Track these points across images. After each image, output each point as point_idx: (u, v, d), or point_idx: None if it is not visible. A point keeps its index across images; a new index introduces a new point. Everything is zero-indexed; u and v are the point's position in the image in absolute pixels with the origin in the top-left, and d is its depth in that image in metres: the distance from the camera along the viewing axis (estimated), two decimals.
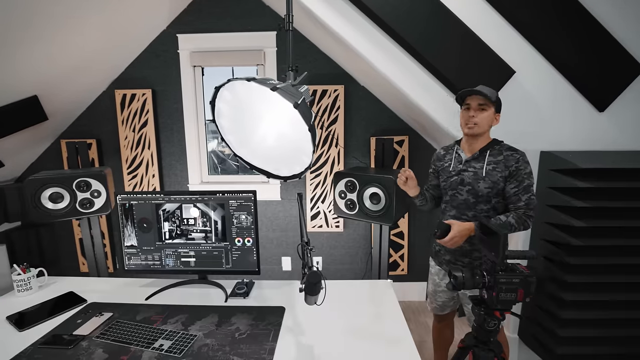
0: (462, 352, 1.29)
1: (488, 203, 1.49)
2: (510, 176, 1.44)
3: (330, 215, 2.81)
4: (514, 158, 1.44)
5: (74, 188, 1.89)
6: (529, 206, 1.42)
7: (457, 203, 1.55)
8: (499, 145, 1.50)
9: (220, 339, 1.16)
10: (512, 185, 1.44)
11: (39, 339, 1.16)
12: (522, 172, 1.43)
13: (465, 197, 1.52)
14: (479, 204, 1.49)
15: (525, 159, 1.45)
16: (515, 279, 1.10)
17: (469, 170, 1.51)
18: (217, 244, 1.49)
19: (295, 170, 1.20)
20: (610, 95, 1.86)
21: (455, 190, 1.55)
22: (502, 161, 1.45)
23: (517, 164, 1.43)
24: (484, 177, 1.47)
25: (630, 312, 1.83)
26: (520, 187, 1.43)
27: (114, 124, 2.75)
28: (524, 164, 1.43)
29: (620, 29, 1.79)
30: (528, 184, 1.43)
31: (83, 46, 2.19)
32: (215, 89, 1.10)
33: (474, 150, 1.52)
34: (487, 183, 1.46)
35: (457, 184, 1.54)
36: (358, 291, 1.49)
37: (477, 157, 1.51)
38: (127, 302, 1.41)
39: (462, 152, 1.57)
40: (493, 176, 1.46)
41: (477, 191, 1.48)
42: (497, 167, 1.46)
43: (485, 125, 1.47)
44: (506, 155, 1.46)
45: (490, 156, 1.48)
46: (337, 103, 2.64)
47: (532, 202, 1.43)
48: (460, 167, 1.54)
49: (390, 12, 1.80)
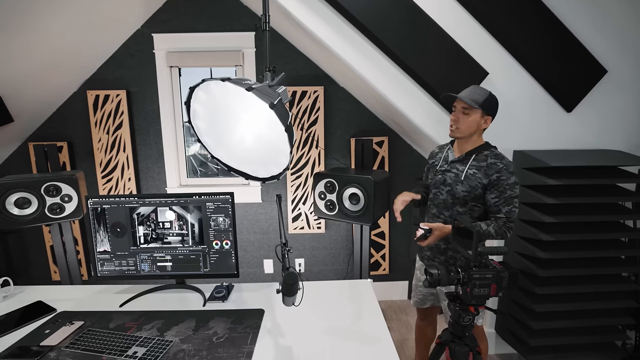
0: (439, 348, 1.31)
1: (464, 206, 1.49)
2: (491, 185, 1.41)
3: (312, 216, 2.81)
4: (496, 167, 1.41)
5: (42, 193, 1.81)
6: (509, 219, 1.40)
7: (438, 202, 1.56)
8: (489, 150, 1.48)
9: (197, 344, 1.13)
10: (493, 195, 1.42)
11: (3, 352, 1.10)
12: (503, 183, 1.39)
13: (445, 197, 1.53)
14: (455, 205, 1.50)
15: (510, 169, 1.41)
16: (488, 275, 1.13)
17: (452, 171, 1.51)
18: (194, 248, 1.46)
19: (273, 172, 1.19)
20: (577, 97, 1.95)
21: (437, 189, 1.56)
22: (484, 168, 1.43)
23: (499, 174, 1.40)
24: (462, 181, 1.46)
25: (598, 303, 1.92)
26: (501, 198, 1.40)
27: (87, 126, 2.65)
28: (506, 174, 1.40)
29: (586, 34, 1.89)
30: (510, 195, 1.40)
31: (52, 44, 2.10)
32: (189, 89, 1.08)
33: (462, 151, 1.51)
34: (465, 187, 1.46)
35: (440, 184, 1.55)
36: (338, 291, 1.49)
37: (463, 159, 1.50)
38: (99, 309, 1.36)
39: (451, 152, 1.57)
40: (472, 181, 1.44)
41: (454, 193, 1.48)
42: (477, 173, 1.44)
43: (468, 129, 1.45)
44: (490, 162, 1.43)
45: (474, 160, 1.46)
46: (317, 104, 2.65)
47: (512, 214, 1.40)
48: (445, 167, 1.55)
49: (367, 14, 1.82)
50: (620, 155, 1.89)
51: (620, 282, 1.95)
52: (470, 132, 1.46)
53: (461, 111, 1.45)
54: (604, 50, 1.91)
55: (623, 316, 1.97)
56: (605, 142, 2.01)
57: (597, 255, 1.89)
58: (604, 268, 1.89)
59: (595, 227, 1.87)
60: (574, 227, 1.84)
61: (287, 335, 1.19)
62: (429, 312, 1.83)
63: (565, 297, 1.92)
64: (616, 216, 1.86)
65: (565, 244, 1.86)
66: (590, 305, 1.91)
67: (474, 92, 1.44)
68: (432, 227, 1.41)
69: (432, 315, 1.85)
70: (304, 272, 2.93)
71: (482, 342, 1.67)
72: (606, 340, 2.02)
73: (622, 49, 1.91)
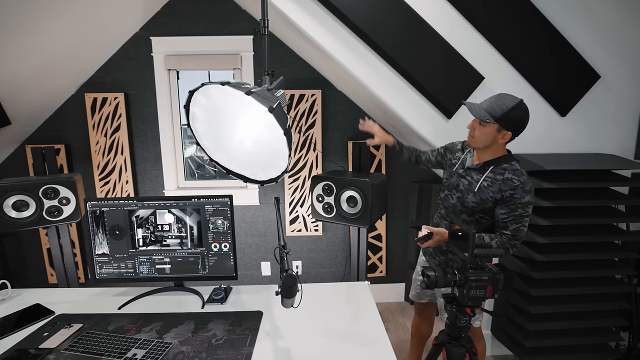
0: (436, 349, 1.33)
1: (472, 215, 1.45)
2: (503, 201, 1.35)
3: (309, 219, 2.82)
4: (511, 184, 1.33)
5: (40, 195, 1.81)
6: (515, 237, 1.35)
7: (447, 204, 1.54)
8: (508, 164, 1.39)
9: (196, 346, 1.14)
10: (503, 211, 1.35)
11: (1, 355, 1.10)
12: (516, 201, 1.32)
13: (454, 202, 1.50)
14: (463, 213, 1.47)
15: (526, 188, 1.32)
16: (485, 277, 1.15)
17: (467, 178, 1.46)
18: (193, 250, 1.47)
19: (271, 175, 1.20)
20: (571, 101, 1.98)
21: (450, 192, 1.53)
22: (500, 182, 1.35)
23: (513, 192, 1.32)
24: (474, 191, 1.41)
25: (592, 304, 1.94)
26: (510, 215, 1.34)
27: (84, 128, 2.65)
28: (521, 193, 1.32)
29: (579, 40, 1.92)
30: (521, 213, 1.33)
31: (50, 47, 2.10)
32: (189, 92, 1.09)
33: (480, 160, 1.44)
34: (476, 198, 1.40)
35: (453, 187, 1.52)
36: (335, 293, 1.51)
37: (479, 168, 1.42)
38: (98, 312, 1.36)
39: (470, 157, 1.48)
40: (484, 194, 1.38)
41: (464, 201, 1.45)
42: (491, 187, 1.37)
43: (483, 141, 1.37)
44: (506, 178, 1.35)
45: (491, 172, 1.39)
46: (315, 107, 2.67)
47: (519, 233, 1.34)
48: (460, 172, 1.49)
49: (365, 19, 1.85)
50: (614, 159, 1.92)
51: (613, 284, 1.97)
52: (486, 144, 1.38)
53: (477, 121, 1.36)
54: (597, 56, 1.94)
55: (616, 318, 2.00)
56: (598, 146, 2.05)
57: (591, 258, 1.91)
58: (598, 270, 1.92)
59: (589, 229, 1.90)
60: (569, 230, 1.87)
61: (286, 337, 1.20)
62: (425, 308, 1.85)
63: (560, 299, 1.94)
64: (610, 219, 1.89)
65: (560, 246, 1.88)
66: (585, 307, 1.93)
67: (496, 102, 1.32)
68: (433, 232, 1.39)
69: (428, 310, 1.87)
70: (301, 275, 2.94)
71: (480, 344, 1.69)
72: (600, 341, 2.04)
73: (616, 55, 1.95)
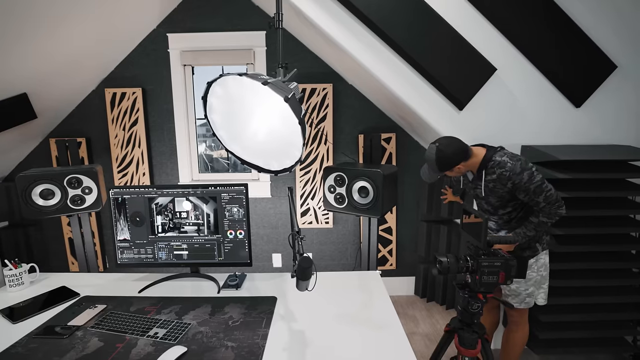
0: (448, 335, 1.35)
1: (504, 208, 1.60)
2: (514, 189, 1.49)
3: (320, 211, 2.85)
4: (504, 177, 1.47)
5: (65, 185, 1.89)
6: (550, 202, 1.44)
7: (482, 209, 1.70)
8: (491, 161, 1.52)
9: (214, 327, 1.19)
10: (522, 195, 1.49)
11: (34, 330, 1.17)
12: (521, 184, 1.44)
13: (486, 207, 1.66)
14: (497, 209, 1.62)
15: (516, 170, 1.44)
16: (497, 262, 1.16)
17: (477, 188, 1.61)
18: (209, 237, 1.52)
19: (285, 164, 1.23)
20: (586, 92, 1.95)
21: (478, 201, 1.70)
22: (497, 180, 1.50)
23: (511, 181, 1.46)
24: (488, 194, 1.57)
25: (608, 297, 1.92)
26: (529, 194, 1.46)
27: (104, 122, 2.75)
28: (517, 177, 1.44)
29: (595, 30, 1.89)
30: (535, 186, 1.43)
31: (74, 44, 2.19)
32: (207, 84, 1.13)
33: (474, 171, 1.60)
34: (494, 198, 1.57)
35: (477, 197, 1.68)
36: (347, 281, 1.54)
37: (477, 177, 1.59)
38: (120, 295, 1.43)
39: (469, 173, 1.65)
40: (496, 192, 1.54)
41: (490, 203, 1.61)
42: (496, 185, 1.52)
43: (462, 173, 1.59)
44: (498, 174, 1.49)
45: (487, 175, 1.54)
46: (326, 101, 2.69)
47: (550, 197, 1.44)
48: (470, 185, 1.66)
49: (377, 11, 1.86)
50: (630, 150, 1.89)
51: (630, 277, 1.95)
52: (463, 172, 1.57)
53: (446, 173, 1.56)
54: (614, 46, 1.91)
55: (633, 311, 1.97)
56: (614, 137, 2.01)
57: (606, 250, 1.89)
58: (614, 262, 1.90)
59: (605, 221, 1.87)
60: (585, 222, 1.85)
61: (300, 321, 1.24)
62: None
63: (574, 291, 1.93)
64: (626, 211, 1.86)
65: (575, 237, 1.87)
66: (600, 300, 1.91)
67: (429, 169, 1.55)
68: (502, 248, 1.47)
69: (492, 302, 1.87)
70: None
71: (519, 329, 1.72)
72: (616, 335, 2.02)
73: (633, 44, 1.91)
